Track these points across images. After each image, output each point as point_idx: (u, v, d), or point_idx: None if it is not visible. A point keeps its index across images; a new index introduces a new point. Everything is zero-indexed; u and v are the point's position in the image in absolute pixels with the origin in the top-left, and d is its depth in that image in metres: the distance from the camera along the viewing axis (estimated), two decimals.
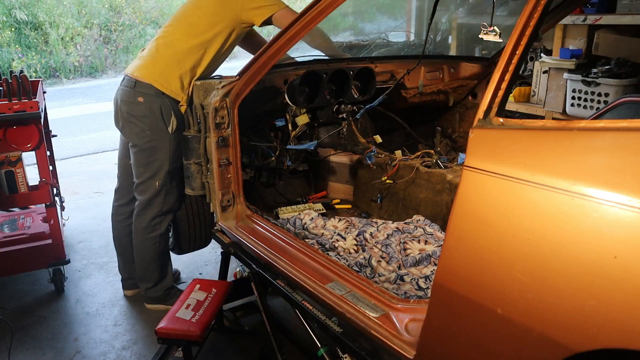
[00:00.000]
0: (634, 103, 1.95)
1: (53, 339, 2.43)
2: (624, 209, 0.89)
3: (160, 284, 2.58)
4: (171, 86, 2.29)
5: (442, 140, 3.19)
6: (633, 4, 2.84)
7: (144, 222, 2.44)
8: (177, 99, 2.31)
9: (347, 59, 2.77)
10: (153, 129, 2.31)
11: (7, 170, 2.58)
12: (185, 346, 1.95)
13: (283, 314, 2.49)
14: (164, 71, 2.30)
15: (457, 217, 1.16)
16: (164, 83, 2.29)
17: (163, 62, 2.32)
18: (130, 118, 2.33)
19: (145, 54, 2.41)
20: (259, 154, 2.63)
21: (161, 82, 2.29)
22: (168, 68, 2.31)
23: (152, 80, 2.29)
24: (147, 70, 2.32)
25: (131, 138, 2.37)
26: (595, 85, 2.88)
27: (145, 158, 2.36)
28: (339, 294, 1.63)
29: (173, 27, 2.43)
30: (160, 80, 2.29)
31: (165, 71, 2.30)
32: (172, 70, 2.30)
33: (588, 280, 0.93)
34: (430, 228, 2.26)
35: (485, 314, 1.11)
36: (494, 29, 1.83)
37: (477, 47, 4.37)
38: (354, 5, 8.52)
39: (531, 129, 1.08)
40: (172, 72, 2.30)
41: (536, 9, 1.14)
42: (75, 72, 10.63)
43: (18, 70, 2.86)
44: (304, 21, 1.91)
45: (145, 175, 2.38)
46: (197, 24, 2.35)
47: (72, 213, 3.82)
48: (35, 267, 2.73)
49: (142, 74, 2.31)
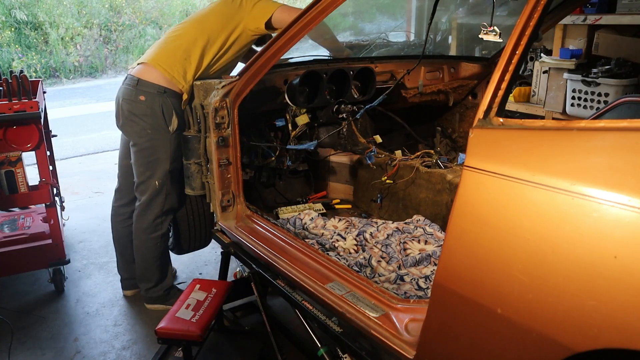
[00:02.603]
0: (634, 103, 1.95)
1: (53, 339, 2.43)
2: (624, 209, 0.89)
3: (161, 284, 2.57)
4: (173, 72, 2.31)
5: (442, 140, 3.19)
6: (633, 4, 2.84)
7: (146, 223, 2.44)
8: (178, 86, 2.31)
9: (348, 59, 2.77)
10: (154, 127, 2.31)
11: (7, 170, 2.58)
12: (185, 346, 1.95)
13: (283, 314, 2.49)
14: (168, 57, 2.34)
15: (457, 217, 1.16)
16: (167, 68, 2.31)
17: (169, 48, 2.37)
18: (132, 116, 2.33)
19: (153, 45, 2.48)
20: (259, 154, 2.62)
21: (165, 66, 2.31)
22: (173, 54, 2.35)
23: (155, 64, 2.32)
24: (152, 55, 2.37)
25: (132, 136, 2.37)
26: (595, 85, 2.88)
27: (145, 157, 2.36)
28: (339, 294, 1.63)
29: (185, 23, 2.50)
30: (164, 64, 2.31)
31: (169, 57, 2.34)
32: (177, 57, 2.34)
33: (588, 280, 0.93)
34: (430, 228, 2.26)
35: (485, 314, 1.11)
36: (494, 29, 1.83)
37: (477, 47, 4.37)
38: (354, 5, 8.52)
39: (531, 129, 1.08)
40: (177, 59, 2.34)
41: (536, 9, 1.14)
42: (75, 72, 10.63)
43: (18, 70, 2.86)
44: (304, 21, 1.90)
45: (145, 175, 2.38)
46: (208, 21, 2.41)
47: (72, 213, 3.82)
48: (35, 267, 2.73)
49: (146, 58, 2.36)
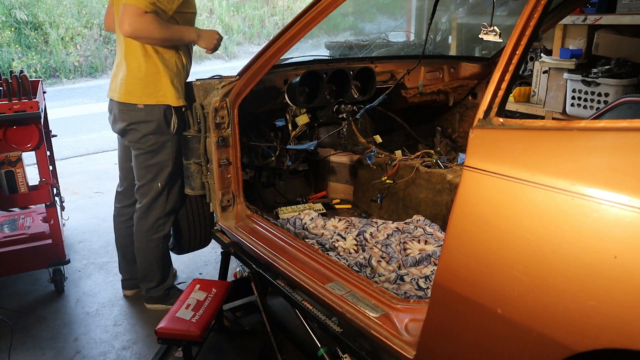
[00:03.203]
0: (634, 103, 1.95)
1: (53, 339, 2.43)
2: (624, 209, 0.89)
3: (163, 284, 2.57)
4: (167, 95, 2.23)
5: (442, 140, 3.20)
6: (633, 4, 2.84)
7: (147, 225, 2.43)
8: (180, 103, 2.27)
9: (348, 59, 2.77)
10: (156, 132, 2.28)
11: (7, 170, 2.58)
12: (185, 346, 1.95)
13: (283, 314, 2.48)
14: (149, 83, 2.23)
15: (457, 217, 1.16)
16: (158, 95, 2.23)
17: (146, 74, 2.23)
18: (131, 125, 2.28)
19: (122, 74, 2.28)
20: (259, 154, 2.63)
21: (157, 96, 2.23)
22: (154, 77, 2.23)
23: (147, 100, 2.23)
24: (135, 92, 2.24)
25: (133, 143, 2.34)
26: (595, 85, 2.88)
27: (147, 160, 2.34)
28: (339, 294, 1.63)
29: (119, 42, 2.30)
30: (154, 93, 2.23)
31: (152, 82, 2.23)
32: (159, 77, 2.24)
33: (588, 280, 0.93)
34: (430, 228, 2.26)
35: (485, 314, 1.11)
36: (494, 29, 1.84)
37: (477, 47, 4.37)
38: (354, 5, 8.53)
39: (531, 129, 1.08)
40: (160, 79, 2.24)
41: (536, 9, 1.14)
42: (75, 72, 10.63)
43: (18, 70, 2.86)
44: (304, 21, 1.91)
45: (147, 178, 2.36)
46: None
47: (72, 213, 3.82)
48: (35, 267, 2.73)
49: (132, 99, 2.24)
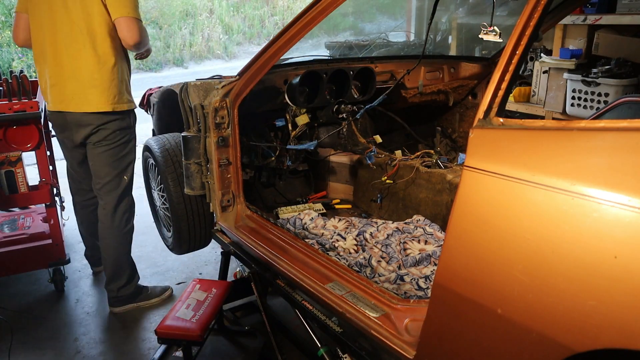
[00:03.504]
0: (634, 103, 1.95)
1: (53, 339, 2.43)
2: (624, 209, 0.89)
3: (132, 281, 2.62)
4: (131, 99, 2.37)
5: (442, 140, 3.20)
6: (633, 4, 2.84)
7: (117, 219, 2.50)
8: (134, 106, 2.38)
9: (348, 59, 2.77)
10: (125, 127, 2.39)
11: (7, 170, 2.58)
12: (185, 346, 1.95)
13: (283, 314, 2.48)
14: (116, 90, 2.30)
15: (457, 217, 1.16)
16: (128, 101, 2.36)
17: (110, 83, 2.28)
18: (99, 127, 2.35)
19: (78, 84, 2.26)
20: (259, 154, 2.63)
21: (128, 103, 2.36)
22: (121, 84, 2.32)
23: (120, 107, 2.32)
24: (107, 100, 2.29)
25: (100, 142, 2.39)
26: (595, 85, 2.88)
27: (116, 154, 2.42)
28: (339, 294, 1.63)
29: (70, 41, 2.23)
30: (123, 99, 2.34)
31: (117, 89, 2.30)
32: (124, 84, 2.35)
33: (588, 280, 0.93)
34: (430, 228, 2.26)
35: (485, 314, 1.11)
36: (494, 29, 1.84)
37: (477, 47, 4.37)
38: (354, 5, 8.52)
39: (531, 129, 1.08)
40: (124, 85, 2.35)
41: (536, 9, 1.14)
42: None
43: (18, 70, 2.86)
44: (304, 21, 1.90)
45: (114, 173, 2.45)
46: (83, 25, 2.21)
47: (72, 213, 3.79)
48: (35, 267, 2.74)
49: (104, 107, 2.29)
